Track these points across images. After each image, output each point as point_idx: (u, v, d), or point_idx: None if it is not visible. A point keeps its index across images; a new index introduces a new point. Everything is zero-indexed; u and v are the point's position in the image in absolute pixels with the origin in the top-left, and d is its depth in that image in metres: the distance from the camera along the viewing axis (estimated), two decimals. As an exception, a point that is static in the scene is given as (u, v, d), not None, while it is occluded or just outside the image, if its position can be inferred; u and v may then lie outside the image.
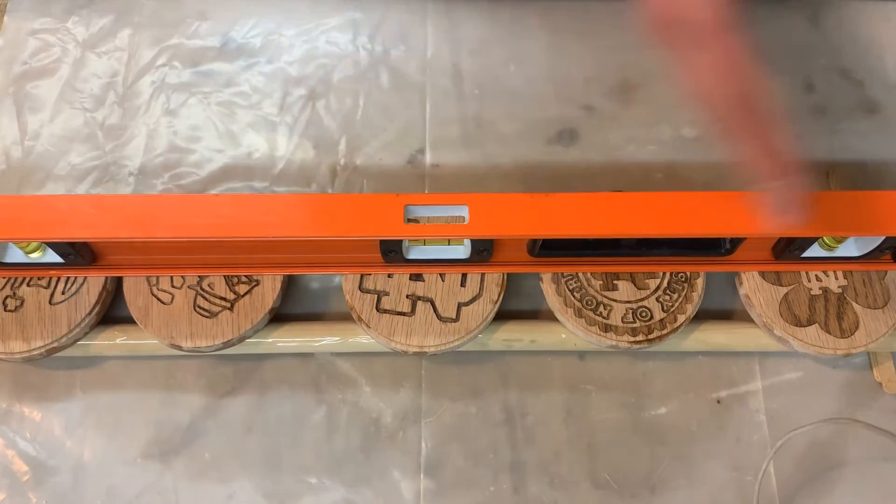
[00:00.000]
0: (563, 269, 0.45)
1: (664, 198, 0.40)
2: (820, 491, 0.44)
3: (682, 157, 0.53)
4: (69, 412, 0.45)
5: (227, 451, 0.45)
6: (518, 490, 0.44)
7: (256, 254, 0.44)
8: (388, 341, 0.44)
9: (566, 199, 0.40)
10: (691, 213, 0.40)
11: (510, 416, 0.46)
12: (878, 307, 0.45)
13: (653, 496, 0.44)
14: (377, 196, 0.40)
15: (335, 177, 0.52)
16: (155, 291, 0.44)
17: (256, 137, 0.53)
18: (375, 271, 0.45)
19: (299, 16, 0.58)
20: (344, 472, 0.44)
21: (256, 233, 0.39)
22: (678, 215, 0.40)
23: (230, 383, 0.46)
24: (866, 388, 0.47)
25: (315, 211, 0.40)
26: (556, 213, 0.40)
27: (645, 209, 0.40)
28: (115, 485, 0.44)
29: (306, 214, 0.39)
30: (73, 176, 0.52)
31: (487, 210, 0.39)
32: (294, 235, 0.39)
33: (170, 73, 0.55)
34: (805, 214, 0.35)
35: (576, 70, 0.56)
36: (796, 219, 0.35)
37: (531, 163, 0.53)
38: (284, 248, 0.44)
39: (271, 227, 0.39)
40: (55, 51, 0.56)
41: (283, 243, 0.43)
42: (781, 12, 0.59)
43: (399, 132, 0.54)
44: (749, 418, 0.46)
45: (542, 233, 0.40)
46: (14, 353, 0.43)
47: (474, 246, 0.43)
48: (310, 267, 0.45)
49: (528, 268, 0.45)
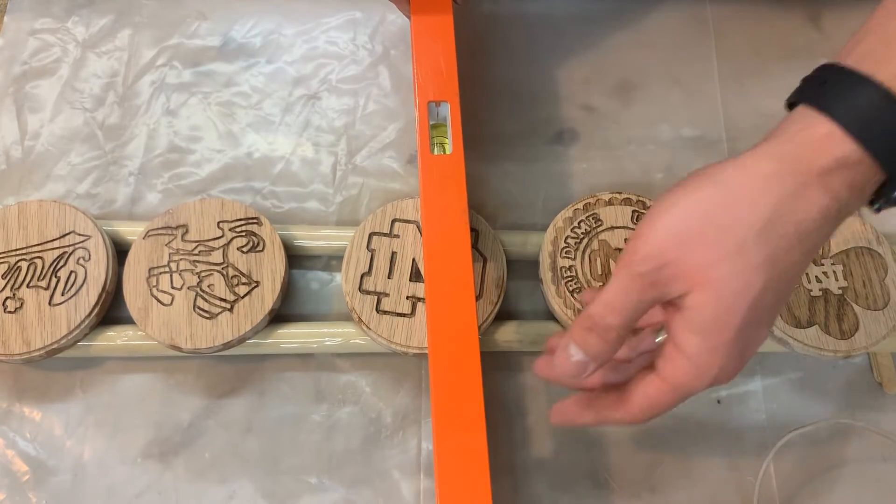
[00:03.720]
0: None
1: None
2: (820, 491, 0.44)
3: (682, 157, 0.53)
4: (69, 412, 0.45)
5: (227, 451, 0.45)
6: (518, 490, 0.44)
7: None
8: (388, 342, 0.44)
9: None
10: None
11: (510, 416, 0.46)
12: (879, 308, 0.45)
13: (653, 496, 0.44)
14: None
15: (335, 177, 0.52)
16: (155, 292, 0.44)
17: (256, 137, 0.53)
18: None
19: (299, 16, 0.58)
20: (344, 472, 0.44)
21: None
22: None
23: (230, 383, 0.46)
24: (866, 389, 0.47)
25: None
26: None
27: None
28: (115, 485, 0.44)
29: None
30: (73, 176, 0.52)
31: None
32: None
33: (170, 73, 0.55)
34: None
35: (576, 70, 0.56)
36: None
37: (531, 163, 0.53)
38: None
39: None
40: (55, 51, 0.56)
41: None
42: (781, 12, 0.59)
43: (399, 132, 0.54)
44: (749, 418, 0.46)
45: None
46: (14, 354, 0.43)
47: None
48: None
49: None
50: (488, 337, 0.46)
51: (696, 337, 0.30)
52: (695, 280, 0.29)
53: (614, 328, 0.31)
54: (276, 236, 0.46)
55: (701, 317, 0.29)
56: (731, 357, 0.30)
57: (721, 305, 0.29)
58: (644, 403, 0.32)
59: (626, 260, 0.30)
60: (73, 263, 0.45)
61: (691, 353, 0.30)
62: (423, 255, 0.41)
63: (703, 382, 0.30)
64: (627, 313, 0.30)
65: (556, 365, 0.32)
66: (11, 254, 0.45)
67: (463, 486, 0.36)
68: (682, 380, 0.31)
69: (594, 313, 0.31)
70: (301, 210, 0.51)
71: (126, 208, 0.51)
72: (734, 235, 0.29)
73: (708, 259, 0.29)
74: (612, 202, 0.48)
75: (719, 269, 0.29)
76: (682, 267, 0.29)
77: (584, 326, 0.31)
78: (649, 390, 0.32)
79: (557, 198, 0.51)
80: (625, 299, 0.30)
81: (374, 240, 0.46)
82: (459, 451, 0.36)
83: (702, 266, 0.29)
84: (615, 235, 0.47)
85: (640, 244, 0.30)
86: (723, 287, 0.29)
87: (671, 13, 0.59)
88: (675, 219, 0.30)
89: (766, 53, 0.57)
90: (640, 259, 0.30)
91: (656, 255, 0.30)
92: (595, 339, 0.31)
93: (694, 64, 0.57)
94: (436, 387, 0.37)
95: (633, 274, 0.30)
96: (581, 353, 0.32)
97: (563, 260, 0.46)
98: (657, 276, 0.30)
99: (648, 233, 0.30)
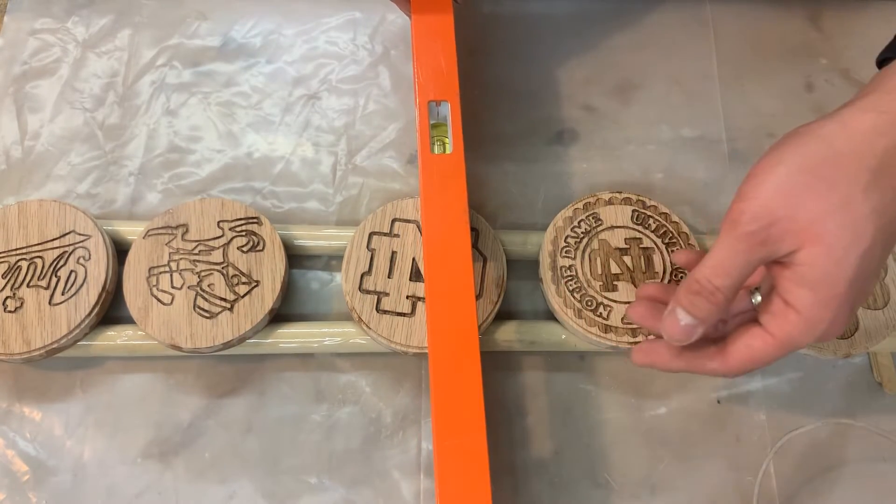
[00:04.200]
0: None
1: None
2: (820, 491, 0.44)
3: (682, 157, 0.53)
4: (69, 412, 0.45)
5: (227, 451, 0.45)
6: (518, 490, 0.44)
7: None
8: (388, 342, 0.44)
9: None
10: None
11: (510, 416, 0.46)
12: (878, 308, 0.45)
13: (653, 496, 0.44)
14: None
15: (335, 177, 0.52)
16: (155, 292, 0.44)
17: (256, 137, 0.53)
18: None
19: (299, 16, 0.58)
20: (344, 472, 0.44)
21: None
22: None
23: (230, 383, 0.46)
24: (866, 388, 0.47)
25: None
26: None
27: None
28: (115, 485, 0.44)
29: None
30: (73, 176, 0.52)
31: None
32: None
33: (170, 73, 0.55)
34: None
35: (576, 70, 0.56)
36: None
37: (531, 163, 0.53)
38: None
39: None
40: (55, 51, 0.56)
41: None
42: (781, 12, 0.59)
43: (399, 132, 0.54)
44: (749, 418, 0.46)
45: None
46: (14, 353, 0.43)
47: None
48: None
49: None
50: (488, 337, 0.46)
51: (808, 291, 0.30)
52: (805, 235, 0.30)
53: (722, 290, 0.31)
54: (277, 236, 0.46)
55: (812, 272, 0.30)
56: (842, 310, 0.30)
57: (832, 259, 0.29)
58: (746, 356, 0.32)
59: (732, 222, 0.31)
60: (74, 263, 0.45)
61: (802, 308, 0.30)
62: (423, 255, 0.41)
63: (812, 336, 0.31)
64: (736, 275, 0.31)
65: (665, 329, 0.33)
66: (11, 253, 0.45)
67: (463, 487, 0.36)
68: (790, 334, 0.31)
69: (700, 277, 0.31)
70: (301, 210, 0.51)
71: (126, 208, 0.51)
72: (841, 189, 0.29)
73: (817, 214, 0.29)
74: (612, 202, 0.48)
75: (828, 223, 0.29)
76: (792, 223, 0.30)
77: (692, 291, 0.32)
78: (754, 343, 0.32)
79: (557, 198, 0.51)
80: (733, 261, 0.31)
81: (375, 239, 0.46)
82: (459, 451, 0.36)
83: (811, 221, 0.29)
84: (615, 235, 0.47)
85: (747, 204, 0.30)
86: (833, 241, 0.29)
87: (671, 13, 0.59)
88: (781, 176, 0.30)
89: (766, 53, 0.57)
90: (749, 219, 0.30)
91: (765, 213, 0.30)
92: (703, 302, 0.32)
93: (694, 64, 0.57)
94: (436, 387, 0.37)
95: (740, 235, 0.30)
96: (689, 317, 0.32)
97: (563, 259, 0.46)
98: (766, 235, 0.30)
99: (754, 192, 0.30)
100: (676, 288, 0.33)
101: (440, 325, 0.39)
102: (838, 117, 0.30)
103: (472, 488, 0.36)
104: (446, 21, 0.46)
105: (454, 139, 0.43)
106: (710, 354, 0.34)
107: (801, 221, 0.30)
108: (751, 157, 0.53)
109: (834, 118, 0.30)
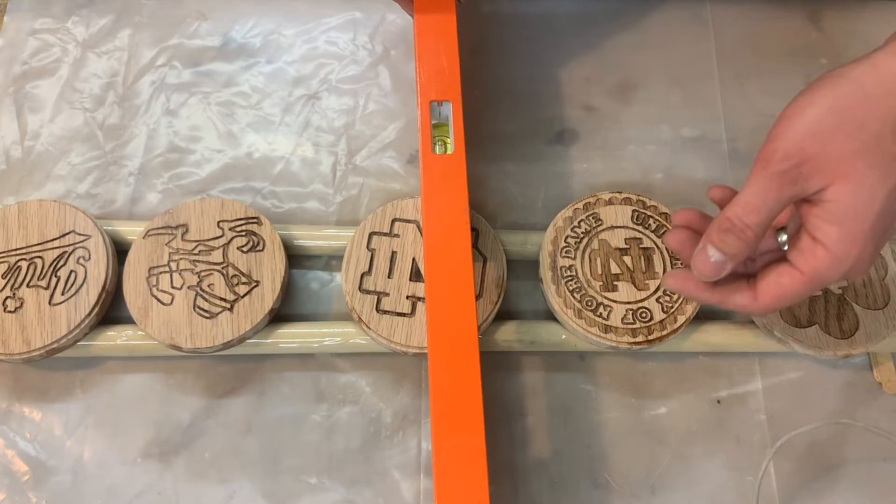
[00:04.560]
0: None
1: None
2: (820, 491, 0.44)
3: (682, 157, 0.53)
4: (69, 412, 0.45)
5: (227, 451, 0.45)
6: (518, 490, 0.44)
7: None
8: (388, 342, 0.44)
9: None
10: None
11: (509, 416, 0.46)
12: (879, 308, 0.45)
13: (653, 496, 0.44)
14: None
15: (335, 177, 0.52)
16: (155, 292, 0.44)
17: (256, 137, 0.53)
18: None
19: (299, 16, 0.58)
20: (344, 472, 0.44)
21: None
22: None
23: (230, 383, 0.46)
24: (866, 388, 0.47)
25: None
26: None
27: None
28: (115, 485, 0.44)
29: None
30: (73, 176, 0.52)
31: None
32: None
33: (170, 73, 0.55)
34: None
35: (576, 70, 0.56)
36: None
37: (531, 163, 0.53)
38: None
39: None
40: (55, 51, 0.56)
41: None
42: (781, 12, 0.59)
43: (399, 132, 0.54)
44: (749, 418, 0.46)
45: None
46: (14, 353, 0.43)
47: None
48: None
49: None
50: (488, 337, 0.46)
51: (835, 227, 0.31)
52: (834, 173, 0.31)
53: (752, 227, 0.32)
54: (276, 236, 0.46)
55: (840, 208, 0.31)
56: (867, 245, 0.32)
57: (860, 196, 0.31)
58: (775, 292, 0.34)
59: (764, 160, 0.32)
60: (73, 263, 0.45)
61: (829, 243, 0.32)
62: (423, 255, 0.41)
63: (839, 271, 0.32)
64: (766, 213, 0.32)
65: (695, 266, 0.35)
66: (11, 253, 0.45)
67: (461, 486, 0.36)
68: (818, 269, 0.32)
69: (732, 215, 0.33)
70: (301, 210, 0.51)
71: (126, 208, 0.51)
72: (871, 129, 0.30)
73: (847, 153, 0.30)
74: (612, 201, 0.48)
75: (857, 161, 0.30)
76: (822, 162, 0.31)
77: (723, 228, 0.33)
78: (783, 279, 0.34)
79: (557, 198, 0.51)
80: (765, 199, 0.32)
81: (375, 239, 0.46)
82: (458, 450, 0.36)
83: (841, 160, 0.30)
84: (615, 235, 0.47)
85: (779, 144, 0.31)
86: (861, 178, 0.30)
87: (671, 13, 0.59)
88: (813, 117, 0.31)
89: (766, 53, 0.57)
90: (781, 158, 0.31)
91: (796, 152, 0.31)
92: (733, 239, 0.33)
93: (694, 64, 0.57)
94: (435, 386, 0.37)
95: (772, 173, 0.31)
96: (719, 253, 0.34)
97: (563, 259, 0.46)
98: (797, 173, 0.31)
99: (787, 132, 0.31)
100: (710, 217, 0.35)
101: (440, 325, 0.39)
102: (869, 61, 0.31)
103: (470, 487, 0.36)
104: (449, 21, 0.46)
105: (455, 139, 0.43)
106: (739, 289, 0.35)
107: (831, 160, 0.31)
108: (751, 157, 0.52)
109: (865, 62, 0.31)
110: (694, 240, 0.36)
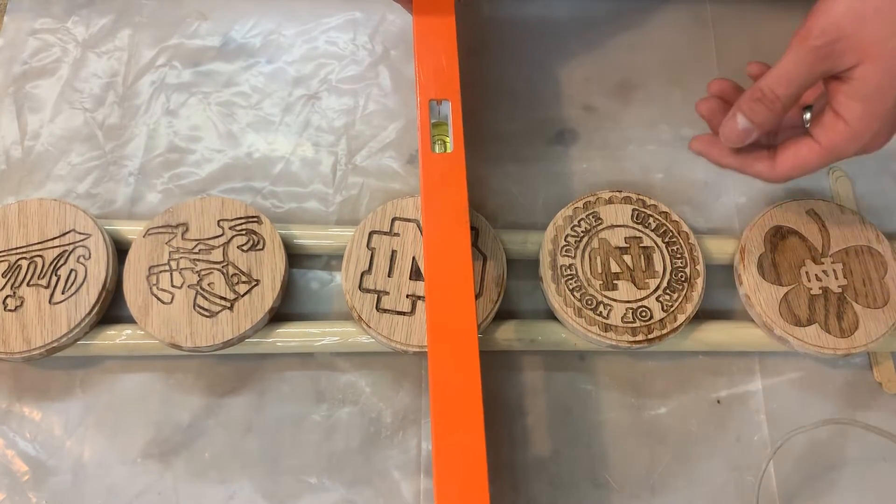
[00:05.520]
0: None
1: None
2: (820, 491, 0.44)
3: (682, 157, 0.53)
4: (69, 412, 0.45)
5: (227, 451, 0.45)
6: (518, 490, 0.44)
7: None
8: (388, 341, 0.44)
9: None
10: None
11: (509, 416, 0.46)
12: (878, 307, 0.45)
13: (653, 496, 0.44)
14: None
15: (335, 177, 0.52)
16: (155, 291, 0.44)
17: (256, 137, 0.53)
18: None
19: (299, 16, 0.58)
20: (344, 472, 0.44)
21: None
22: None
23: (230, 383, 0.46)
24: (866, 388, 0.47)
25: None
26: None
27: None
28: (115, 485, 0.44)
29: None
30: (73, 176, 0.52)
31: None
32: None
33: (170, 73, 0.55)
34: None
35: (576, 70, 0.56)
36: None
37: (531, 162, 0.53)
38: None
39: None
40: (55, 51, 0.56)
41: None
42: (781, 12, 0.59)
43: (399, 132, 0.54)
44: (749, 418, 0.46)
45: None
46: (14, 352, 0.43)
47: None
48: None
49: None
50: (488, 336, 0.46)
51: (858, 104, 0.34)
52: (865, 53, 0.33)
53: (781, 99, 0.35)
54: (277, 235, 0.46)
55: (866, 86, 0.33)
56: (886, 125, 0.34)
57: (886, 76, 0.33)
58: (793, 162, 0.37)
59: (803, 35, 0.34)
60: (74, 262, 0.45)
61: (851, 118, 0.34)
62: (423, 254, 0.41)
63: (856, 146, 0.35)
64: (797, 85, 0.34)
65: (723, 132, 0.38)
66: (11, 252, 0.45)
67: (461, 486, 0.36)
68: (836, 142, 0.35)
69: (764, 86, 0.35)
70: (301, 210, 0.51)
71: (126, 208, 0.51)
72: None
73: (881, 34, 0.32)
74: (612, 200, 0.48)
75: (889, 44, 0.32)
76: (855, 41, 0.33)
77: (753, 98, 0.36)
78: (801, 151, 0.36)
79: (557, 197, 0.51)
80: (797, 71, 0.34)
81: (375, 238, 0.46)
82: (458, 450, 0.36)
83: (874, 41, 0.32)
84: (615, 234, 0.47)
85: (818, 20, 0.33)
86: (891, 60, 0.32)
87: (671, 13, 0.59)
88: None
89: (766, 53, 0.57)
90: (818, 34, 0.33)
91: (833, 30, 0.33)
92: (762, 108, 0.36)
93: (694, 64, 0.57)
94: (435, 386, 0.37)
95: (808, 48, 0.33)
96: (747, 121, 0.37)
97: (563, 258, 0.46)
98: (831, 49, 0.33)
99: (826, 10, 0.33)
100: (742, 90, 0.38)
101: (440, 324, 0.39)
102: None
103: (470, 487, 0.36)
104: (448, 20, 0.46)
105: (455, 138, 0.43)
106: (759, 157, 0.38)
107: (865, 40, 0.32)
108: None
109: None
110: (724, 109, 0.39)
